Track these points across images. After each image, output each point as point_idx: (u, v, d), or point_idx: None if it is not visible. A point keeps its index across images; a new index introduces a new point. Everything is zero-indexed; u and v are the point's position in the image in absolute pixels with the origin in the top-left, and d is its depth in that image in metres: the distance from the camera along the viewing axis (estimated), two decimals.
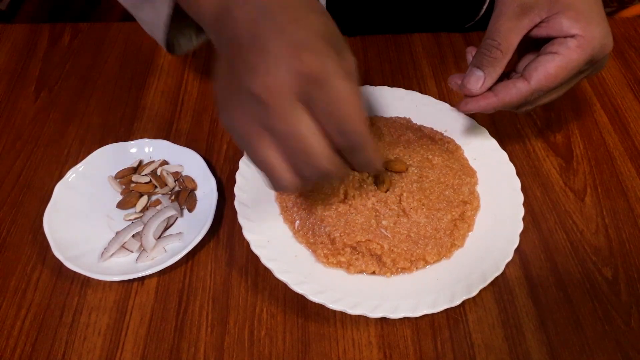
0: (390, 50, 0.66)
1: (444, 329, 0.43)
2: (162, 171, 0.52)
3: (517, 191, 0.49)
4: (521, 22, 0.41)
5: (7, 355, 0.42)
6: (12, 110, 0.60)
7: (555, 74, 0.41)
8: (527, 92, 0.42)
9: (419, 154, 0.51)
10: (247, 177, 0.49)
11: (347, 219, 0.45)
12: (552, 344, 0.42)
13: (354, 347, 0.42)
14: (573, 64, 0.40)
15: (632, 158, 0.55)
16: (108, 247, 0.46)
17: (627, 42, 0.67)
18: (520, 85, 0.42)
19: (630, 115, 0.59)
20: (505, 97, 0.42)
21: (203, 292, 0.45)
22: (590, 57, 0.40)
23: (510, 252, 0.45)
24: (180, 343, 0.42)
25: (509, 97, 0.42)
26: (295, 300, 0.44)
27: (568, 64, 0.40)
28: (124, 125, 0.58)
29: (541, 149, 0.56)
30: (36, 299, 0.45)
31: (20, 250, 0.48)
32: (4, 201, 0.51)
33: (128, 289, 0.45)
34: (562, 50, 0.41)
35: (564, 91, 0.44)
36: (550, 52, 0.41)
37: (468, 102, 0.44)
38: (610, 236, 0.49)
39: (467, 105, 0.44)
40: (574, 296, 0.45)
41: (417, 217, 0.46)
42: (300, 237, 0.46)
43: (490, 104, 0.43)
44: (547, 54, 0.41)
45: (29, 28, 0.69)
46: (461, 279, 0.44)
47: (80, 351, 0.42)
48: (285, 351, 0.42)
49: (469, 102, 0.44)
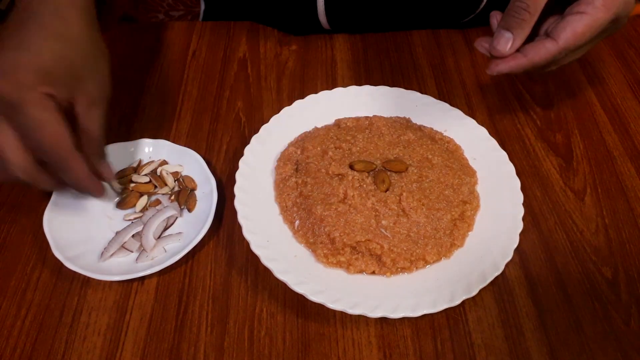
0: (390, 50, 0.66)
1: (443, 329, 0.43)
2: (162, 171, 0.52)
3: (517, 191, 0.49)
4: None
5: (7, 355, 0.42)
6: None
7: (582, 33, 0.42)
8: (556, 51, 0.43)
9: (419, 154, 0.51)
10: (247, 177, 0.49)
11: (347, 218, 0.45)
12: (552, 344, 0.42)
13: (353, 347, 0.42)
14: (599, 22, 0.42)
15: (632, 158, 0.55)
16: (108, 247, 0.46)
17: (627, 42, 0.67)
18: (549, 45, 0.43)
19: (630, 115, 0.59)
20: (534, 57, 0.44)
21: (203, 292, 0.45)
22: (615, 15, 0.42)
23: (510, 252, 0.45)
24: (180, 343, 0.42)
25: (538, 56, 0.44)
26: (295, 300, 0.44)
27: (595, 22, 0.42)
28: (124, 125, 0.58)
29: (541, 149, 0.56)
30: (36, 299, 0.45)
31: (20, 250, 0.48)
32: (4, 201, 0.51)
33: (128, 289, 0.45)
34: (589, 10, 0.42)
35: (587, 49, 0.46)
36: (578, 12, 0.43)
37: (498, 63, 0.45)
38: (610, 236, 0.49)
39: (497, 66, 0.45)
40: (574, 296, 0.45)
41: (416, 216, 0.46)
42: (300, 237, 0.47)
43: (521, 64, 0.44)
44: (575, 14, 0.43)
45: None
46: (461, 278, 0.44)
47: (80, 351, 0.42)
48: (285, 351, 0.42)
49: (499, 64, 0.45)
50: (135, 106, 0.60)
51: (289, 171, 0.50)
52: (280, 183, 0.50)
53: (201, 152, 0.53)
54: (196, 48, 0.66)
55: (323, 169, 0.49)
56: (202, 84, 0.62)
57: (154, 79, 0.63)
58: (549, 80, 0.63)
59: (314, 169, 0.49)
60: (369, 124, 0.54)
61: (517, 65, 0.44)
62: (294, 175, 0.50)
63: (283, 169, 0.50)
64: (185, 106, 0.60)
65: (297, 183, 0.49)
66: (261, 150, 0.52)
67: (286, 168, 0.50)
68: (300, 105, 0.56)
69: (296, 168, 0.50)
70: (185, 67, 0.64)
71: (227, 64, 0.64)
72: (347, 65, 0.64)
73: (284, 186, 0.49)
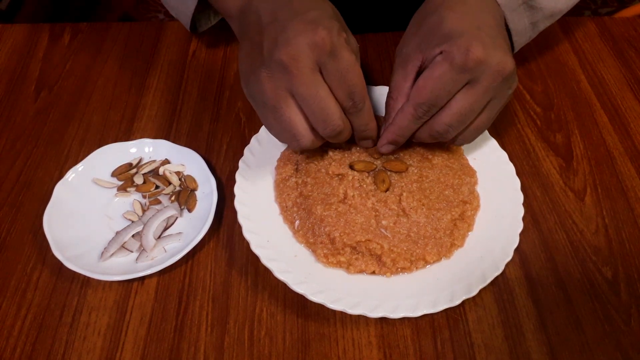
0: (390, 49, 0.66)
1: (443, 329, 0.43)
2: (165, 171, 0.52)
3: (517, 191, 0.49)
4: (406, 70, 0.44)
5: (7, 355, 0.42)
6: (12, 110, 0.60)
7: (423, 85, 0.42)
8: (410, 109, 0.43)
9: (419, 154, 0.51)
10: (247, 177, 0.49)
11: (347, 218, 0.45)
12: (552, 344, 0.42)
13: (353, 347, 0.42)
14: (438, 73, 0.41)
15: (632, 158, 0.55)
16: (108, 247, 0.46)
17: (627, 42, 0.67)
18: (402, 109, 0.44)
19: (630, 115, 0.59)
20: (398, 122, 0.45)
21: (203, 292, 0.45)
22: (459, 65, 0.41)
23: (510, 252, 0.45)
24: (180, 343, 0.42)
25: (398, 120, 0.45)
26: (295, 300, 0.44)
27: (433, 73, 0.42)
28: (124, 125, 0.58)
29: (541, 149, 0.56)
30: (36, 299, 0.45)
31: (20, 250, 0.48)
32: (4, 201, 0.51)
33: (128, 289, 0.45)
34: (428, 68, 0.43)
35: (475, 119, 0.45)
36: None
37: (380, 143, 0.47)
38: (610, 236, 0.49)
39: (379, 145, 0.47)
40: (574, 296, 0.45)
41: (417, 217, 0.46)
42: (300, 237, 0.47)
43: (391, 132, 0.46)
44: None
45: (29, 28, 0.69)
46: (461, 278, 0.44)
47: (80, 351, 0.42)
48: (285, 351, 0.42)
49: (378, 142, 0.47)
50: (135, 106, 0.60)
51: (289, 171, 0.50)
52: (280, 183, 0.50)
53: (201, 152, 0.53)
54: (196, 48, 0.66)
55: (323, 169, 0.49)
56: (202, 84, 0.62)
57: (154, 79, 0.63)
58: (548, 80, 0.63)
59: (314, 169, 0.49)
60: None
61: (392, 135, 0.46)
62: (294, 175, 0.50)
63: (283, 169, 0.50)
64: (185, 106, 0.60)
65: (297, 183, 0.49)
66: (261, 150, 0.52)
67: (286, 168, 0.50)
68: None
69: (296, 168, 0.50)
70: (185, 67, 0.64)
71: (227, 64, 0.64)
72: None
73: (284, 186, 0.49)
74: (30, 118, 0.59)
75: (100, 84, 0.62)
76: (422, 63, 0.44)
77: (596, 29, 0.69)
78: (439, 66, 0.41)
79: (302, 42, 0.39)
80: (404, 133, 0.45)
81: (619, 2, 1.69)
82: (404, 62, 0.45)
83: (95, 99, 0.61)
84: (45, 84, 0.62)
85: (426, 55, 0.43)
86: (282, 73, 0.39)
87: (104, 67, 0.64)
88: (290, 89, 0.40)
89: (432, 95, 0.42)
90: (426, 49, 0.43)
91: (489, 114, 0.45)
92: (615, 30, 0.69)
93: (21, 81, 0.63)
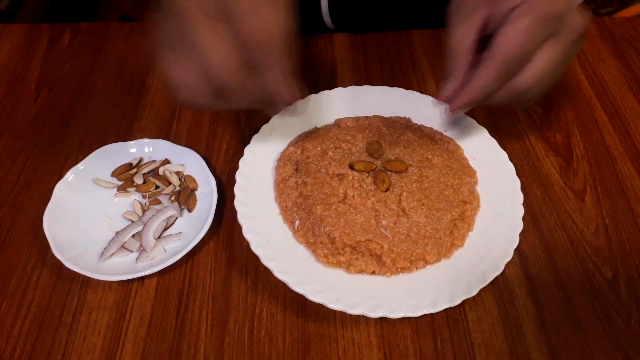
0: (390, 49, 0.66)
1: (443, 329, 0.43)
2: (165, 171, 0.52)
3: (517, 191, 0.49)
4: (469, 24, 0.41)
5: (7, 355, 0.42)
6: (12, 110, 0.60)
7: (509, 39, 0.39)
8: (494, 66, 0.41)
9: (419, 154, 0.51)
10: (247, 177, 0.49)
11: (347, 218, 0.45)
12: (552, 344, 0.42)
13: (353, 347, 0.42)
14: (524, 26, 0.39)
15: (632, 158, 0.55)
16: (108, 247, 0.46)
17: (627, 42, 0.67)
18: (488, 64, 0.41)
19: (630, 115, 0.59)
20: (479, 81, 0.41)
21: (203, 292, 0.45)
22: (543, 16, 0.39)
23: (510, 252, 0.45)
24: (180, 343, 0.42)
25: (480, 78, 0.41)
26: (295, 300, 0.44)
27: (519, 26, 0.39)
28: (124, 125, 0.58)
29: (541, 149, 0.56)
30: (36, 299, 0.45)
31: (20, 250, 0.48)
32: (3, 201, 0.51)
33: (128, 289, 0.45)
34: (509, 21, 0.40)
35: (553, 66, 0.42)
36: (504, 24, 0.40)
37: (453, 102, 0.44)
38: (610, 236, 0.49)
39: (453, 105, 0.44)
40: (574, 296, 0.45)
41: (416, 217, 0.46)
42: (300, 237, 0.46)
43: (469, 94, 0.43)
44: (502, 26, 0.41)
45: (29, 28, 0.69)
46: (461, 278, 0.44)
47: (80, 351, 0.42)
48: (285, 351, 0.42)
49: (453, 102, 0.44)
50: (135, 106, 0.60)
51: (289, 171, 0.50)
52: (280, 183, 0.50)
53: (201, 152, 0.53)
54: None
55: (323, 169, 0.49)
56: None
57: (154, 79, 0.62)
58: None
59: (314, 169, 0.49)
60: (369, 124, 0.54)
61: (468, 97, 0.43)
62: (294, 175, 0.50)
63: (283, 169, 0.50)
64: None
65: (297, 183, 0.49)
66: (261, 150, 0.52)
67: (286, 168, 0.50)
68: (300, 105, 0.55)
69: (296, 168, 0.50)
70: None
71: None
72: (347, 65, 0.64)
73: (284, 186, 0.49)
74: (30, 118, 0.59)
75: (100, 84, 0.62)
76: (488, 17, 0.41)
77: (596, 29, 0.69)
78: (523, 18, 0.38)
79: None
80: (482, 94, 0.42)
81: (619, 2, 1.69)
82: (465, 17, 0.41)
83: (95, 99, 0.61)
84: (45, 84, 0.62)
85: (497, 9, 0.40)
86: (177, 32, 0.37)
87: (104, 67, 0.64)
88: (184, 41, 0.37)
89: (520, 50, 0.39)
90: (495, 2, 0.40)
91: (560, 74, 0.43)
92: (615, 30, 0.69)
93: (21, 81, 0.63)
